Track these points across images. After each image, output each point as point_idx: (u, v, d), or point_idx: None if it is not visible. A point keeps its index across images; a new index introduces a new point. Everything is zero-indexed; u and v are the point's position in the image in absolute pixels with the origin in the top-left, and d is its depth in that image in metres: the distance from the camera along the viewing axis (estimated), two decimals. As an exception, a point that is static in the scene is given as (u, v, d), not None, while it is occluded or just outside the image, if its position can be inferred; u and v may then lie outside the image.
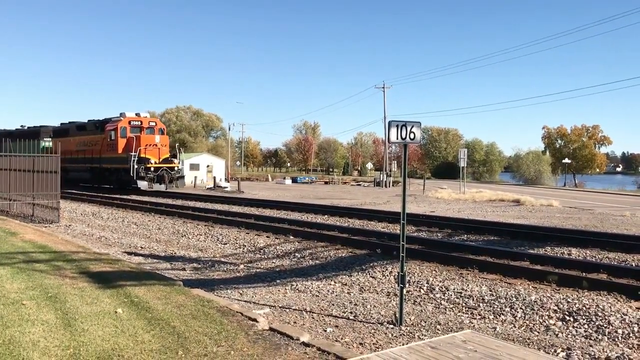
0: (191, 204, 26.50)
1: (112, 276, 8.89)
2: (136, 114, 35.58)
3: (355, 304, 8.37)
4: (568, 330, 7.18)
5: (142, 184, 32.39)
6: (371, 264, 11.21)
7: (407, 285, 8.67)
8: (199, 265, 12.01)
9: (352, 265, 11.31)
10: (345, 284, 10.05)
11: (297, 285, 9.96)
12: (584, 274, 9.76)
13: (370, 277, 10.41)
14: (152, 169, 33.09)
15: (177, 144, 41.04)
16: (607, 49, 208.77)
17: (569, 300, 8.10)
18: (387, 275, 10.36)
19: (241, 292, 9.43)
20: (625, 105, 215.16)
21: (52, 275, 8.64)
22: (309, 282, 10.19)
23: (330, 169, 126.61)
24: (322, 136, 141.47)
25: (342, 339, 6.60)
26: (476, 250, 12.09)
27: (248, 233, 15.91)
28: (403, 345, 6.17)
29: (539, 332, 7.16)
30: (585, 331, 7.11)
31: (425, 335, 6.73)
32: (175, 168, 34.40)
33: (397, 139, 7.10)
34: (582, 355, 6.05)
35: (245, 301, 8.59)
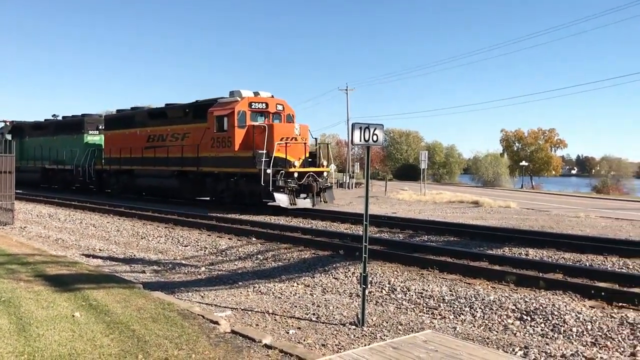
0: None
1: (69, 279, 8.68)
2: (255, 93, 23.11)
3: (318, 306, 8.38)
4: (525, 330, 7.34)
5: (282, 199, 20.36)
6: (334, 265, 11.24)
7: (369, 286, 8.72)
8: (160, 268, 11.84)
9: (315, 267, 11.32)
10: (308, 286, 10.05)
11: (259, 287, 9.91)
12: (540, 274, 9.99)
13: (333, 278, 10.44)
14: (295, 175, 20.82)
15: (316, 138, 26.77)
16: (562, 55, 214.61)
17: (526, 299, 8.28)
18: (350, 277, 10.40)
19: (202, 294, 9.33)
20: (579, 109, 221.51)
21: (5, 279, 8.39)
22: (271, 284, 10.16)
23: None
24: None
25: (304, 340, 6.60)
26: (437, 250, 12.25)
27: (210, 235, 15.76)
28: (365, 346, 6.21)
29: (497, 332, 7.30)
30: (541, 330, 7.28)
31: (387, 336, 6.78)
32: (325, 174, 22.38)
33: (360, 141, 7.15)
34: (538, 354, 6.19)
35: (206, 304, 8.50)
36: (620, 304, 8.16)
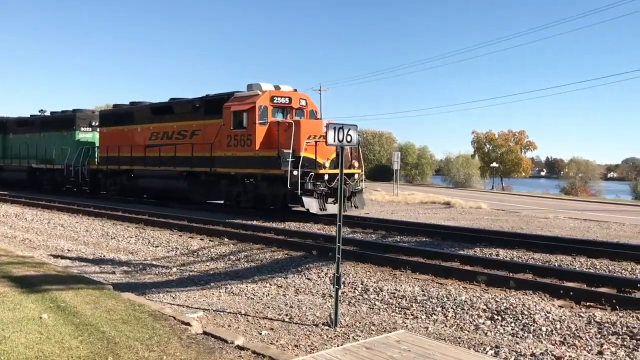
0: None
1: (36, 280, 8.50)
2: (275, 87, 20.81)
3: (291, 306, 8.36)
4: (496, 329, 7.42)
5: (311, 204, 18.19)
6: (307, 266, 11.23)
7: (342, 287, 8.73)
8: (130, 269, 11.67)
9: (288, 267, 11.29)
10: (281, 286, 10.02)
11: (231, 288, 9.84)
12: (511, 274, 10.12)
13: (306, 278, 10.42)
14: (325, 177, 18.72)
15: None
16: (534, 58, 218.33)
17: (497, 299, 8.38)
18: (323, 277, 10.40)
19: (174, 295, 9.23)
20: (549, 111, 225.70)
21: (-30, 280, 8.17)
22: (244, 284, 10.10)
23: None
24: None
25: (277, 341, 6.57)
26: (409, 251, 12.33)
27: (181, 235, 15.60)
28: (338, 346, 6.21)
29: (469, 331, 7.37)
30: (512, 329, 7.37)
31: (360, 336, 6.79)
32: (356, 176, 20.02)
33: (335, 141, 7.15)
34: (509, 353, 6.27)
35: (178, 305, 8.41)
36: (588, 303, 8.32)
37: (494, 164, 75.72)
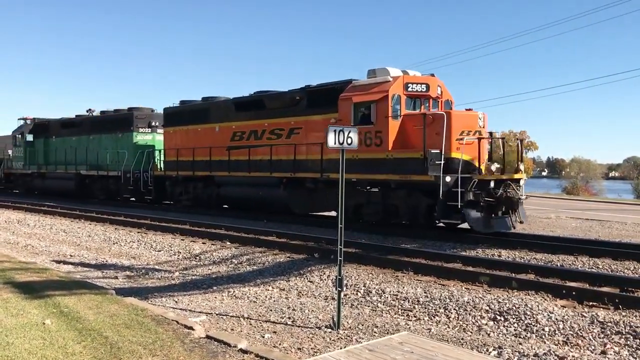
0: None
1: (39, 286, 8.52)
2: (404, 72, 16.59)
3: (293, 309, 8.36)
4: (499, 330, 7.43)
5: (477, 220, 14.08)
6: (309, 269, 11.24)
7: (344, 289, 8.74)
8: (132, 273, 11.69)
9: (290, 270, 11.29)
10: (283, 289, 10.03)
11: (234, 291, 9.85)
12: (513, 274, 10.12)
13: (308, 281, 10.43)
14: (491, 185, 14.25)
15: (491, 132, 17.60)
16: (535, 58, 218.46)
17: (499, 300, 8.38)
18: (325, 279, 10.40)
19: (176, 299, 9.24)
20: (549, 111, 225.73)
21: (-27, 287, 8.19)
22: (246, 288, 10.11)
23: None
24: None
25: (280, 344, 6.58)
26: (411, 252, 12.32)
27: (183, 239, 15.61)
28: (341, 349, 6.22)
29: (471, 332, 7.37)
30: (515, 330, 7.37)
31: (362, 338, 6.80)
32: (522, 182, 15.17)
33: (335, 143, 7.18)
34: (512, 353, 6.27)
35: (180, 309, 8.42)
36: (590, 303, 8.31)
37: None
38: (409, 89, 16.13)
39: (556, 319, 7.52)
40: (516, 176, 14.95)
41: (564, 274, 10.04)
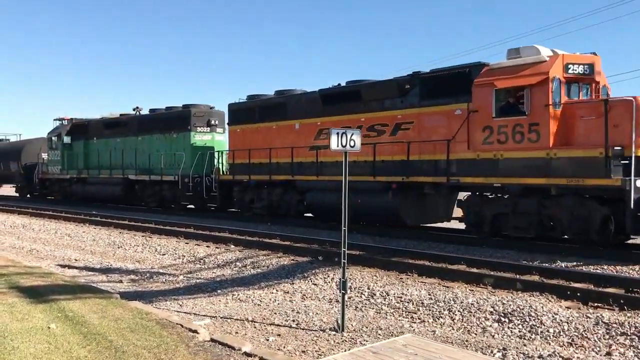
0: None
1: (44, 290, 8.55)
2: (553, 51, 13.32)
3: (298, 312, 8.37)
4: (503, 331, 7.41)
5: None
6: (313, 271, 11.24)
7: (348, 291, 8.74)
8: (137, 277, 11.71)
9: (294, 273, 11.30)
10: (287, 292, 10.03)
11: (238, 294, 9.86)
12: (518, 276, 10.09)
13: (312, 284, 10.43)
14: None
15: None
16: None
17: (504, 301, 8.37)
18: (329, 282, 10.40)
19: (181, 303, 9.25)
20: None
21: (-22, 292, 8.23)
22: (250, 291, 10.12)
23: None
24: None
25: (284, 347, 6.59)
26: (415, 254, 12.30)
27: (187, 243, 15.63)
28: (345, 351, 6.22)
29: (476, 334, 7.36)
30: (519, 331, 7.36)
31: (366, 341, 6.80)
32: None
33: (338, 146, 7.18)
34: (517, 355, 6.26)
35: (185, 312, 8.44)
36: (595, 304, 8.29)
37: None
38: (570, 71, 13.08)
39: (561, 320, 7.50)
40: None
41: (569, 275, 10.00)
